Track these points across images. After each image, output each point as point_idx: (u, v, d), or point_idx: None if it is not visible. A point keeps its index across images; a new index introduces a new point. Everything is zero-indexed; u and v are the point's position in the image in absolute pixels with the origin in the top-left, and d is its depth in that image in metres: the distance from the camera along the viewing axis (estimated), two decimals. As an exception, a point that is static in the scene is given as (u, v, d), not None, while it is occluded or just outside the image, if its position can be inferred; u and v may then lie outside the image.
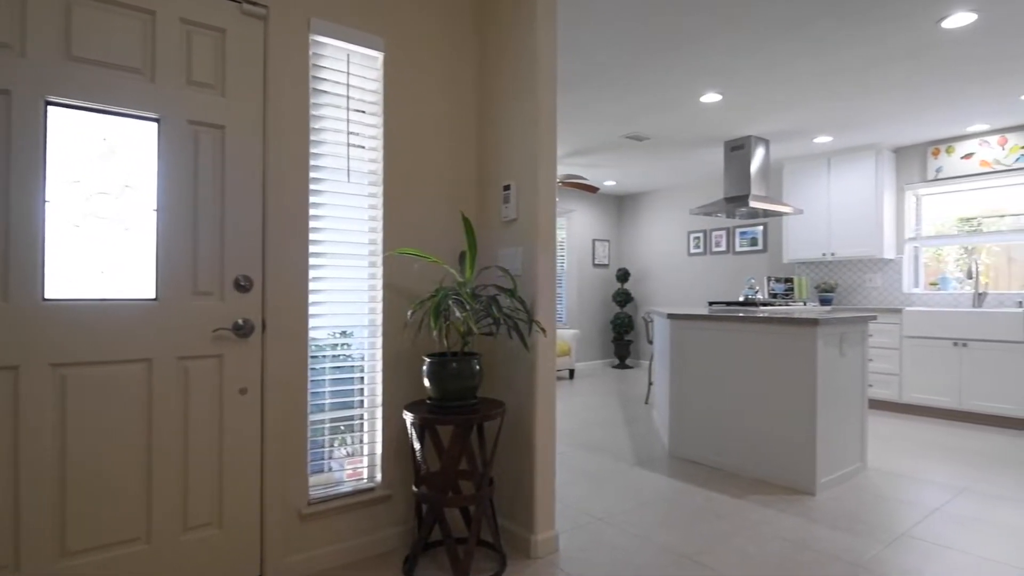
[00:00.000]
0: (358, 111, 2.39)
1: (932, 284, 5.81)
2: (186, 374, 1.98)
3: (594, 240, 8.52)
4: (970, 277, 5.21)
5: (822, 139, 5.57)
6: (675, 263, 8.09)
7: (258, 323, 2.12)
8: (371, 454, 2.45)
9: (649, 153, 6.17)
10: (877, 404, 5.46)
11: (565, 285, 8.31)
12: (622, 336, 8.33)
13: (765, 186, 5.61)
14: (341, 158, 2.34)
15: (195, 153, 2.00)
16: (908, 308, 5.23)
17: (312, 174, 2.26)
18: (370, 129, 2.42)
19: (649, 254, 8.46)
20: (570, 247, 8.27)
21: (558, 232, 8.04)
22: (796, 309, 5.35)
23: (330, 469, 2.36)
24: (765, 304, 5.19)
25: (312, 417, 2.28)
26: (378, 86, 2.44)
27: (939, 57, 3.64)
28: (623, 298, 8.32)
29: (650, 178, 7.52)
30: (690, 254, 7.87)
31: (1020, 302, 5.11)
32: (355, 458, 2.42)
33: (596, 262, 8.53)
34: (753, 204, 5.21)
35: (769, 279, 6.37)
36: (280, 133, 2.16)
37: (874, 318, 3.53)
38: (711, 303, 5.44)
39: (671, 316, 3.89)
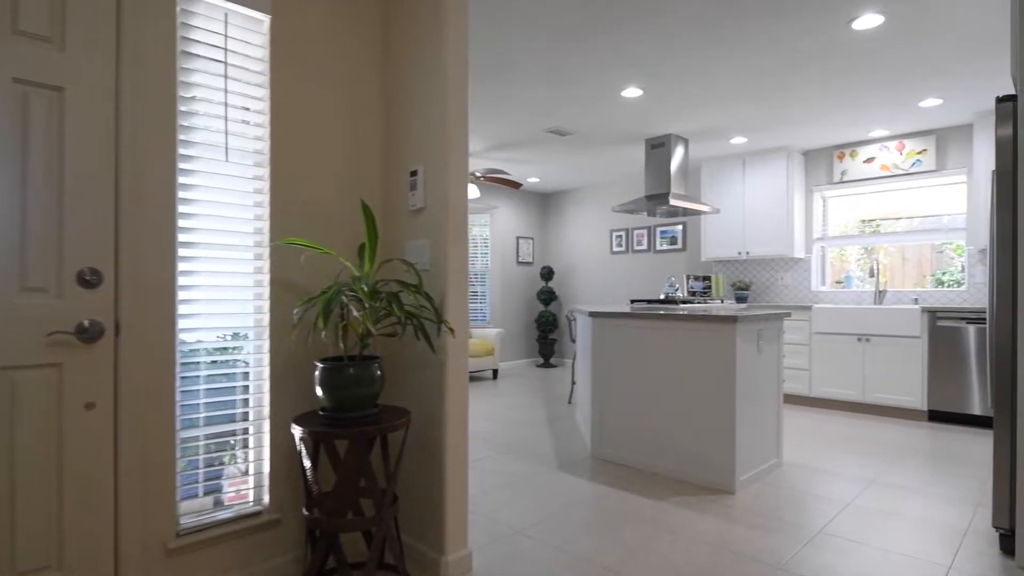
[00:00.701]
0: (240, 81, 2.08)
1: (838, 282, 6.07)
2: (12, 387, 1.62)
3: (518, 237, 8.39)
4: (872, 276, 5.46)
5: (737, 140, 5.69)
6: (598, 261, 8.09)
7: (110, 325, 1.78)
8: (257, 473, 2.15)
9: (572, 149, 6.10)
10: (789, 398, 5.63)
11: (489, 283, 8.14)
12: (546, 335, 8.25)
13: (684, 185, 5.66)
14: (219, 134, 2.03)
15: (23, 118, 1.64)
16: (817, 305, 5.42)
17: (181, 150, 1.94)
18: (256, 103, 2.12)
19: (573, 252, 8.43)
20: (493, 244, 8.10)
21: (481, 229, 7.85)
22: (714, 307, 5.42)
23: (209, 492, 2.04)
24: (685, 302, 5.23)
25: (183, 434, 1.96)
26: (264, 53, 2.14)
27: (847, 61, 3.73)
28: (547, 296, 8.24)
29: (574, 175, 7.48)
30: (613, 252, 7.90)
31: (916, 299, 5.41)
32: (238, 479, 2.11)
33: (520, 260, 8.41)
34: (673, 202, 5.23)
35: (688, 277, 6.45)
36: (139, 101, 1.83)
37: (788, 315, 3.57)
38: (633, 301, 5.42)
39: (593, 314, 3.78)
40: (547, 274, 8.27)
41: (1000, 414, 2.42)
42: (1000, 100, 2.39)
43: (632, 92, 4.32)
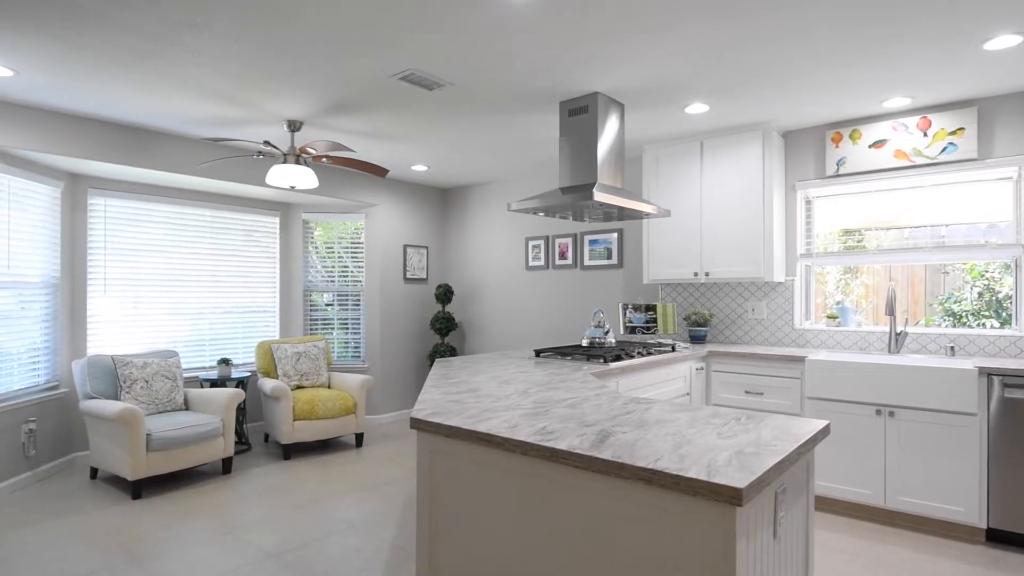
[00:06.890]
0: None
1: (831, 316, 4.33)
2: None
3: (406, 246, 6.33)
4: (889, 313, 3.72)
5: (696, 108, 3.84)
6: (511, 279, 6.13)
7: None
8: None
9: (456, 117, 4.10)
10: (769, 491, 3.81)
11: (364, 309, 6.04)
12: (443, 376, 6.21)
13: (619, 175, 3.77)
14: None
15: None
16: (812, 356, 3.63)
17: None
18: None
19: (479, 266, 6.44)
20: (370, 254, 6.02)
21: (353, 234, 5.78)
22: (665, 358, 3.55)
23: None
24: (618, 356, 3.31)
25: None
26: None
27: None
28: (444, 325, 6.21)
29: (474, 163, 5.48)
30: (529, 267, 5.96)
31: (951, 346, 3.69)
32: None
33: (409, 275, 6.35)
34: (600, 197, 3.30)
35: (625, 307, 4.58)
36: None
37: (826, 431, 1.69)
38: (539, 352, 3.47)
39: (417, 424, 1.78)
40: (444, 295, 6.25)
41: None
42: None
43: (520, -13, 2.36)
